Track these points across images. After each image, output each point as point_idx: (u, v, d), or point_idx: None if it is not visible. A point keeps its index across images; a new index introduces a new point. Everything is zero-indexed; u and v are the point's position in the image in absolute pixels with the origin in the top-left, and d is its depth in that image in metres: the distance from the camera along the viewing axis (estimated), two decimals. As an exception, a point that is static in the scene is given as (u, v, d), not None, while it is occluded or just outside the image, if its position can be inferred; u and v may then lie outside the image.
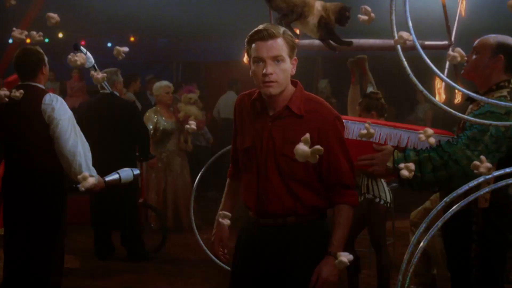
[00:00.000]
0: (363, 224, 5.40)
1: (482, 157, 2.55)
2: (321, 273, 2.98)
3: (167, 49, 14.55)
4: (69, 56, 2.31)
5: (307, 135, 2.45)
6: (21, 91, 2.29)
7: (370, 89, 5.63)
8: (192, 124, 3.12)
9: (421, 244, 2.93)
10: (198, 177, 5.17)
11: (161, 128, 7.90)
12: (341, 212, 3.10)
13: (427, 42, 5.11)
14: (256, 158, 3.15)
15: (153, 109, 8.10)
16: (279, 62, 3.02)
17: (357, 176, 5.25)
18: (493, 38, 3.51)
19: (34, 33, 2.20)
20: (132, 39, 13.72)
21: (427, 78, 4.76)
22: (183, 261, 6.85)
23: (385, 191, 5.30)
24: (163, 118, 7.97)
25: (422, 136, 2.83)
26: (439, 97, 5.18)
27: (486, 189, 3.02)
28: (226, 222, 2.94)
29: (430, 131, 2.80)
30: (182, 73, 15.85)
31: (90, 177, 4.22)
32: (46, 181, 4.56)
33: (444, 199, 3.00)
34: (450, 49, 5.02)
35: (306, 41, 4.81)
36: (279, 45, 3.02)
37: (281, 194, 3.10)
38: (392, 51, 3.35)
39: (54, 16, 2.18)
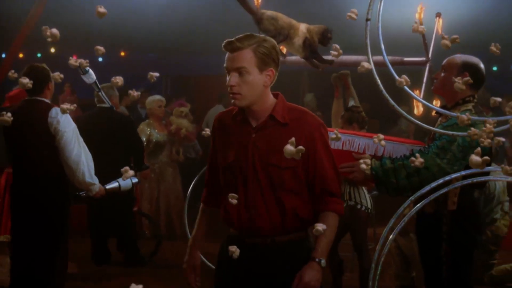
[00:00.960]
0: (346, 230, 5.73)
1: (417, 154, 2.86)
2: (303, 277, 2.91)
3: (156, 63, 14.82)
4: (112, 79, 2.60)
5: (293, 139, 2.49)
6: (75, 105, 2.63)
7: (351, 103, 5.97)
8: (207, 131, 3.32)
9: (391, 236, 3.29)
10: (191, 186, 5.38)
11: (154, 140, 8.18)
12: (326, 220, 3.01)
13: (406, 59, 5.51)
14: (242, 171, 3.06)
15: (146, 122, 8.37)
16: (243, 74, 2.95)
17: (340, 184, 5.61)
18: (459, 57, 3.89)
19: (83, 61, 2.52)
20: (122, 54, 14.01)
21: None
22: (177, 266, 6.91)
23: (366, 198, 5.63)
24: (156, 130, 8.26)
25: (376, 140, 3.19)
26: (417, 109, 5.51)
27: (445, 189, 3.38)
28: (234, 202, 2.84)
29: (381, 136, 3.16)
30: (171, 87, 16.10)
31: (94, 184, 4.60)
32: (51, 188, 4.85)
33: (410, 198, 3.37)
34: (428, 64, 5.42)
35: (293, 58, 5.14)
36: (244, 57, 2.94)
37: (270, 206, 3.03)
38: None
39: (101, 48, 2.49)
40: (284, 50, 4.72)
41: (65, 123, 4.79)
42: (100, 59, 14.52)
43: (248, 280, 3.10)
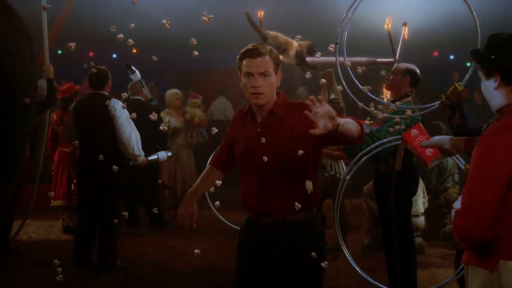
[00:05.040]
0: (327, 195, 7.24)
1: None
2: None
3: (163, 59, 15.78)
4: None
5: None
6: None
7: (332, 95, 7.47)
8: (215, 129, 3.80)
9: (347, 178, 4.89)
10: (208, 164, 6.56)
11: (172, 126, 9.53)
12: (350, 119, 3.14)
13: (378, 59, 6.73)
14: (253, 160, 3.35)
15: (165, 111, 9.68)
16: (266, 77, 3.29)
17: (323, 158, 7.10)
18: (403, 65, 5.49)
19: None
20: (134, 51, 15.29)
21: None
22: (193, 228, 8.57)
23: (344, 169, 7.18)
24: (173, 118, 9.62)
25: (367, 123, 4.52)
26: (386, 97, 6.79)
27: (376, 151, 4.98)
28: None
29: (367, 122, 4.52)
30: (176, 81, 17.10)
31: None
32: (109, 159, 5.90)
33: (352, 161, 4.97)
34: (395, 64, 6.42)
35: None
36: (266, 62, 3.29)
37: (279, 189, 3.30)
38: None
39: (155, 58, 3.61)
40: (281, 58, 6.14)
41: (120, 110, 6.21)
42: (114, 55, 15.90)
43: (265, 258, 3.37)
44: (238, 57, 3.37)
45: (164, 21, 3.43)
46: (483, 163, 2.49)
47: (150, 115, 3.68)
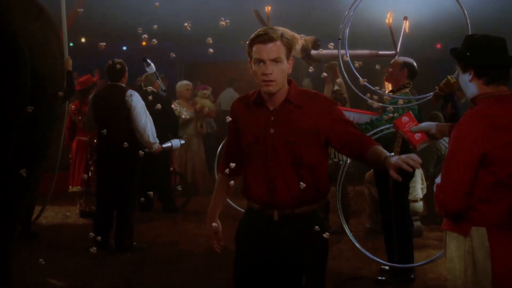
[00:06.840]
0: (332, 181, 7.57)
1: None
2: (399, 158, 2.92)
3: (171, 51, 15.95)
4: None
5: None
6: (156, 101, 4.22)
7: (336, 87, 7.86)
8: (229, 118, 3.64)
9: (348, 161, 5.29)
10: (218, 152, 6.88)
11: (183, 116, 9.95)
12: (377, 147, 3.12)
13: (380, 52, 7.10)
14: (262, 150, 3.21)
15: (176, 101, 10.03)
16: (278, 63, 3.13)
17: (327, 146, 7.46)
18: (401, 58, 5.87)
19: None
20: (144, 43, 15.63)
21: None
22: (203, 213, 8.86)
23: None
24: (184, 108, 10.03)
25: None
26: (387, 89, 7.14)
27: (374, 137, 5.35)
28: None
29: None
30: (184, 73, 17.45)
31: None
32: (126, 148, 5.95)
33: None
34: (396, 57, 6.64)
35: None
36: (278, 48, 3.12)
37: (289, 180, 3.17)
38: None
39: (173, 54, 3.96)
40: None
41: (136, 101, 6.62)
42: (124, 48, 16.26)
43: (268, 252, 3.27)
44: (247, 42, 3.23)
45: (186, 24, 3.65)
46: (458, 144, 2.96)
47: (172, 105, 4.00)
